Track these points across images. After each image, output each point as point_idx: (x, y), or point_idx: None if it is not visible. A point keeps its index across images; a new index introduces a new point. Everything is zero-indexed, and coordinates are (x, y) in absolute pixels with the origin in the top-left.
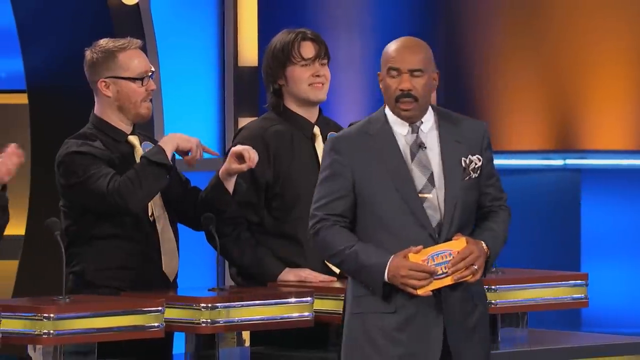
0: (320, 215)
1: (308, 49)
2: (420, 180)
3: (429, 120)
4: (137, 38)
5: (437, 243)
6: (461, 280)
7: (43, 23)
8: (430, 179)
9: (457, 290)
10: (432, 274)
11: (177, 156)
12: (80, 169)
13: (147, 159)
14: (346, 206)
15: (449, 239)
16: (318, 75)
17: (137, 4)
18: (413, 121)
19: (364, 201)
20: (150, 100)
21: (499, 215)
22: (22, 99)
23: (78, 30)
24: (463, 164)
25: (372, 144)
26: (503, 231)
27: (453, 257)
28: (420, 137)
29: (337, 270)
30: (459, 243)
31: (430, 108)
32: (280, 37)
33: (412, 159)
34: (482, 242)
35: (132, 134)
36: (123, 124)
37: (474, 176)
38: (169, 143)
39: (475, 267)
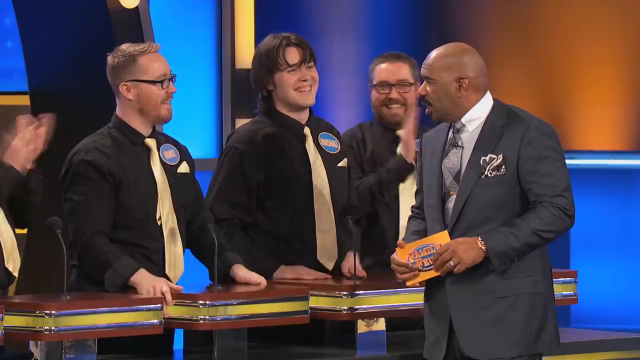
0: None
1: (293, 55)
2: (448, 178)
3: (477, 119)
4: (136, 41)
5: (450, 236)
6: (445, 272)
7: (44, 26)
8: (457, 178)
9: (465, 284)
10: (411, 269)
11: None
12: (75, 194)
13: (110, 275)
14: (421, 200)
15: (460, 234)
16: (305, 80)
17: (137, 7)
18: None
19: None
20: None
21: (536, 210)
22: (24, 100)
23: (78, 33)
24: (481, 162)
25: (435, 143)
26: (529, 226)
27: (436, 250)
28: (457, 138)
29: (330, 268)
30: (442, 237)
31: (492, 109)
32: (265, 44)
33: (444, 158)
34: (478, 238)
35: (150, 136)
36: (142, 126)
37: (493, 174)
38: (137, 285)
39: (452, 263)
